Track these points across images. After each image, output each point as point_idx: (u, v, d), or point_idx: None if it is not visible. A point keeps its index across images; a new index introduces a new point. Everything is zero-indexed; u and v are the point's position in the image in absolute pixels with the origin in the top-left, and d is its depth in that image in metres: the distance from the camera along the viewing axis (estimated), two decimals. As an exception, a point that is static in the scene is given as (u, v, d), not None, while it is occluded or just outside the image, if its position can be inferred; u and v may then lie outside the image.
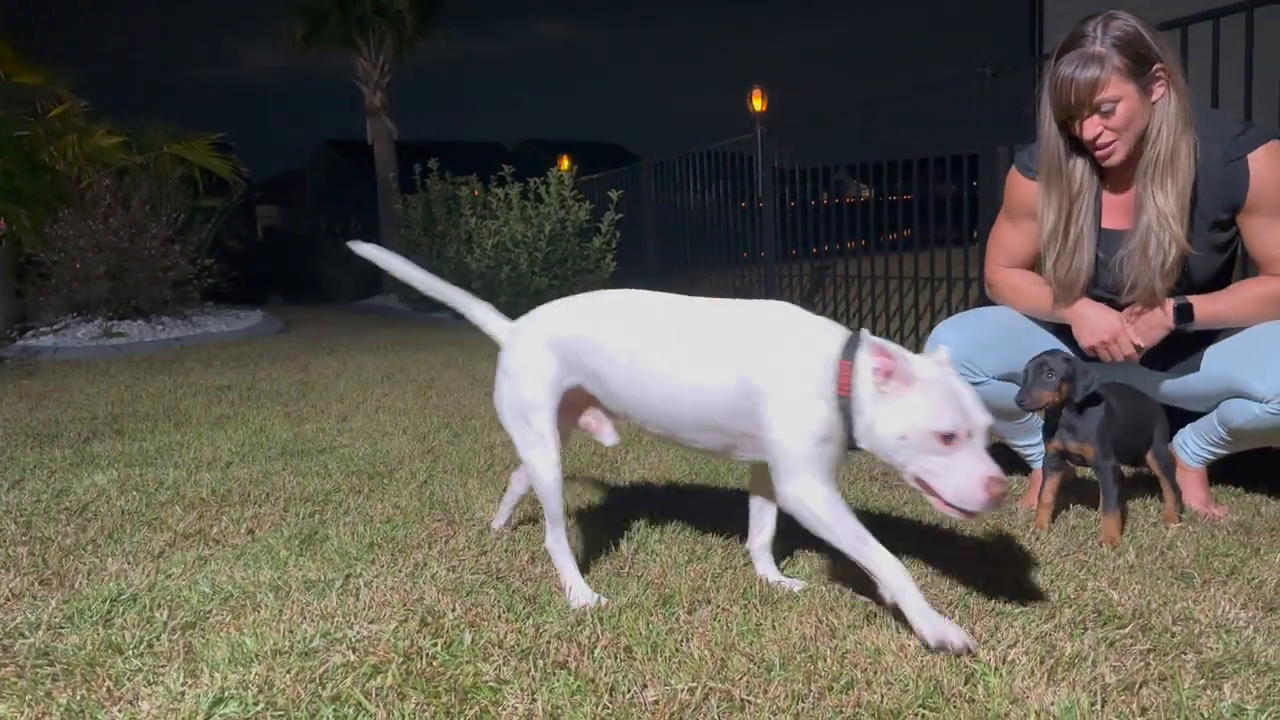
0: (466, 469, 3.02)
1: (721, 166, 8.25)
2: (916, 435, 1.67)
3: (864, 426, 1.74)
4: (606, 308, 2.01)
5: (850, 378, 1.74)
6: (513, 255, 9.40)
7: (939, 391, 1.68)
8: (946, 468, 1.67)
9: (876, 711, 1.45)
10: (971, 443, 1.67)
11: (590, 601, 1.89)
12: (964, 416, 1.66)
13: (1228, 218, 2.29)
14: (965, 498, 1.66)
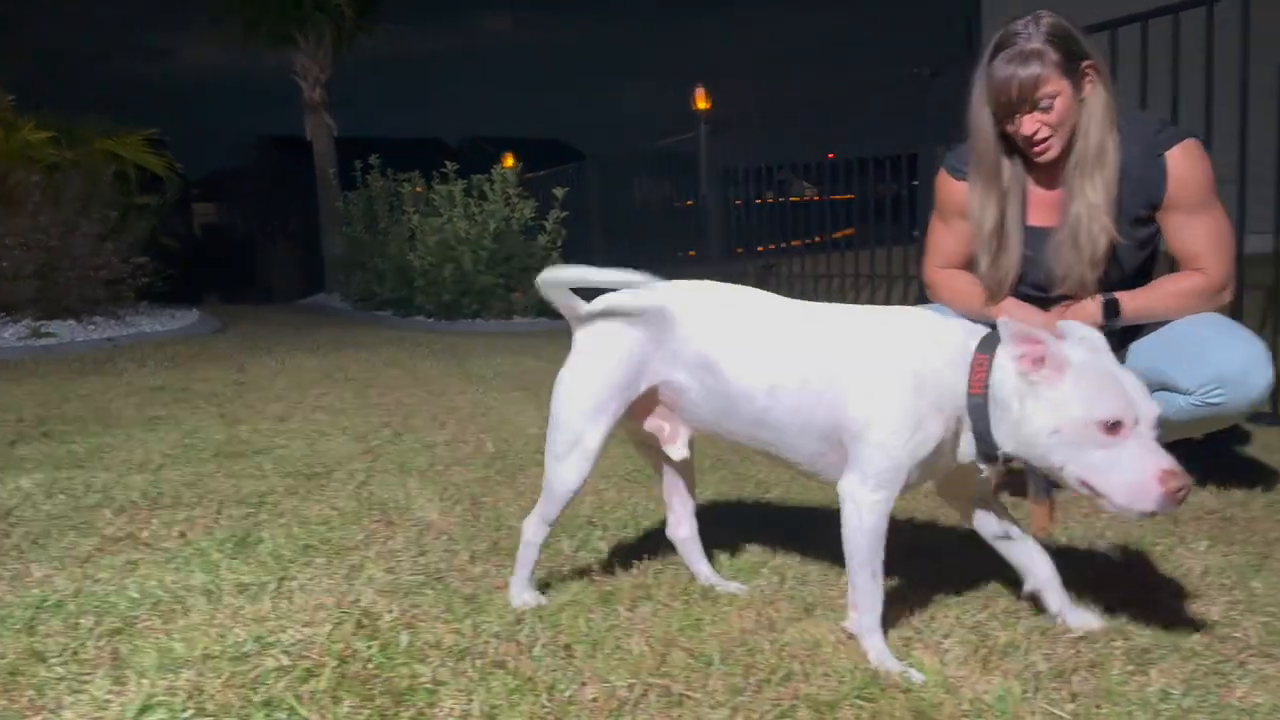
0: (407, 469, 2.98)
1: (666, 164, 8.28)
2: (1073, 428, 1.50)
3: (1008, 427, 1.58)
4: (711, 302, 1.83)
5: (984, 374, 1.59)
6: (456, 253, 9.33)
7: (1097, 377, 1.51)
8: (1113, 463, 1.49)
9: (814, 703, 1.46)
10: (1139, 433, 1.49)
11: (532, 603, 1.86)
12: (1128, 404, 1.49)
13: (1148, 214, 2.34)
14: (1139, 496, 1.48)
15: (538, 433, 3.54)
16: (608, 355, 1.81)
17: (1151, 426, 1.50)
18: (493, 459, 3.11)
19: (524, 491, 2.70)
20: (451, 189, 9.73)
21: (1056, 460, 1.54)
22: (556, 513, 1.89)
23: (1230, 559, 2.06)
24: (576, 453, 1.82)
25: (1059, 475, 1.56)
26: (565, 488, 1.85)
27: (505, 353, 6.54)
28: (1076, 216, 2.29)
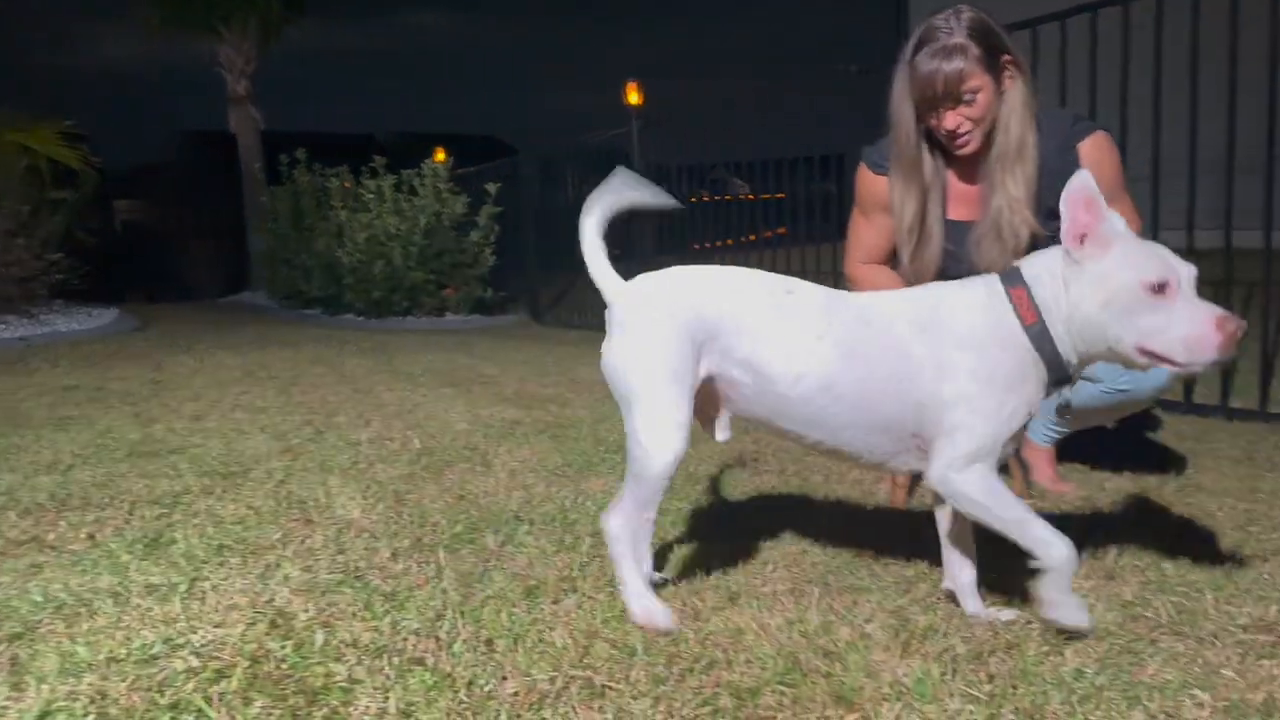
0: (328, 467, 2.92)
1: (599, 161, 8.24)
2: (1125, 295, 1.54)
3: (1068, 327, 1.60)
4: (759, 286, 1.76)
5: (1028, 301, 1.62)
6: (386, 249, 9.20)
7: (1136, 244, 1.57)
8: (1168, 323, 1.52)
9: (736, 690, 1.46)
10: (1184, 292, 1.53)
11: (663, 623, 1.67)
12: (1169, 265, 1.54)
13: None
14: (1200, 345, 1.51)
15: (467, 428, 3.50)
16: (670, 329, 1.69)
17: (1192, 284, 1.54)
18: (419, 455, 3.06)
19: (449, 487, 2.66)
20: (381, 184, 9.58)
21: (1114, 334, 1.56)
22: (655, 499, 1.72)
23: (1144, 541, 2.11)
24: (669, 426, 1.66)
25: (1122, 354, 1.57)
26: (662, 469, 1.67)
27: (436, 350, 6.46)
28: (998, 209, 2.31)
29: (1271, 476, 2.66)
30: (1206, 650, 1.59)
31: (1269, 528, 2.21)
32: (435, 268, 9.32)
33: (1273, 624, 1.68)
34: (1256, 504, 2.40)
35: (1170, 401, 3.68)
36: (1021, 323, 1.62)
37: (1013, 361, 1.62)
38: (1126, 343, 1.55)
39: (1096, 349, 1.61)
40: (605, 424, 3.54)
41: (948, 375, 1.62)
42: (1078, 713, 1.38)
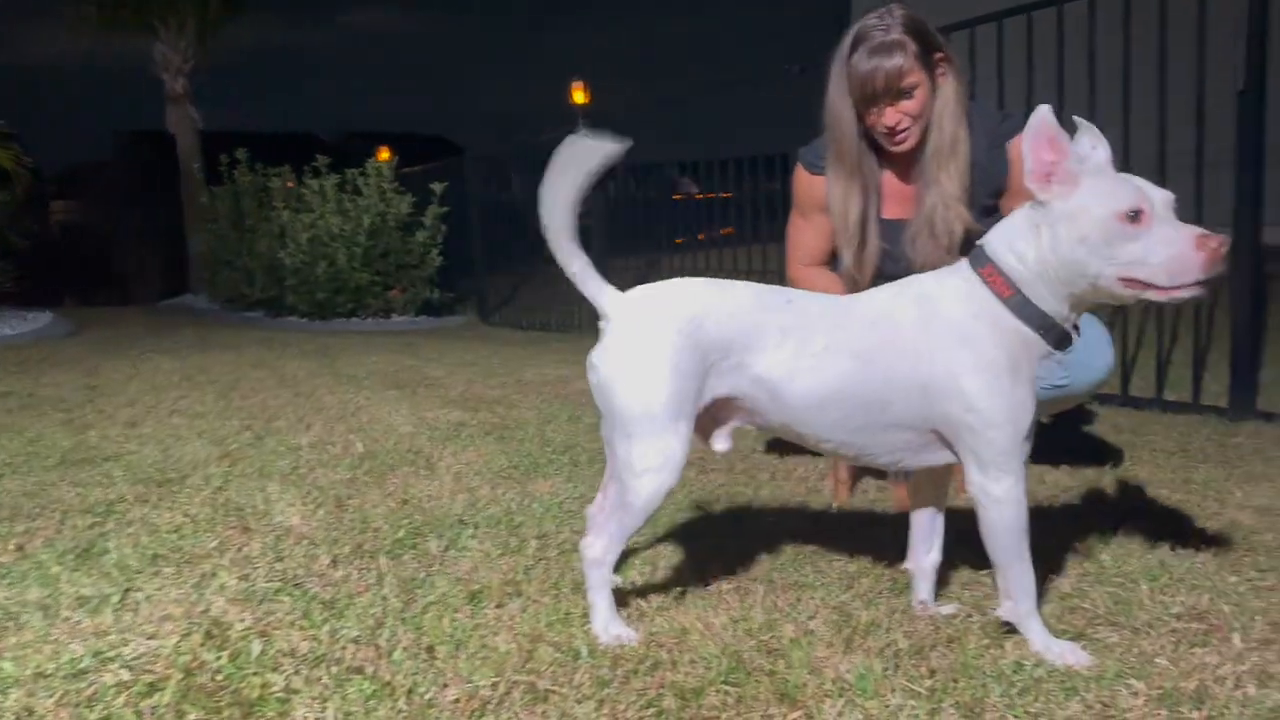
0: (267, 472, 2.86)
1: (547, 160, 8.19)
2: (1100, 228, 1.50)
3: (1048, 278, 1.56)
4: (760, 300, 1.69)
5: (998, 275, 1.59)
6: (330, 250, 9.07)
7: (1105, 177, 1.54)
8: (1148, 249, 1.48)
9: (680, 690, 1.45)
10: (1159, 215, 1.49)
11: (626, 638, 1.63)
12: (1141, 192, 1.50)
13: (993, 203, 2.41)
14: (1182, 268, 1.46)
15: (411, 431, 3.45)
16: (679, 351, 1.60)
17: (1169, 208, 1.51)
18: (361, 459, 3.01)
19: (393, 492, 2.62)
20: (324, 183, 9.44)
21: (1094, 269, 1.51)
22: (637, 527, 1.68)
23: (1081, 533, 2.15)
24: (667, 458, 1.60)
25: (1107, 290, 1.53)
26: (655, 501, 1.63)
27: (381, 351, 6.38)
28: (933, 206, 2.33)
29: (1204, 468, 2.72)
30: (1142, 640, 1.62)
31: (1202, 518, 2.26)
32: (380, 268, 9.20)
33: (1205, 612, 1.72)
34: (1190, 495, 2.46)
35: (1106, 395, 3.75)
36: (999, 297, 1.59)
37: (1005, 344, 1.59)
38: (1108, 276, 1.51)
39: (1082, 290, 1.56)
40: (552, 425, 3.52)
41: (952, 370, 1.59)
42: (1017, 705, 1.40)
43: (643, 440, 1.60)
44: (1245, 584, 1.85)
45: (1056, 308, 1.59)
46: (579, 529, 2.25)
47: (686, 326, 1.61)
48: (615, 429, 1.63)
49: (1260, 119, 3.34)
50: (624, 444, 1.62)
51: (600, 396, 1.65)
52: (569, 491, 2.60)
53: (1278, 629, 1.64)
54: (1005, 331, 1.59)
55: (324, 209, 9.25)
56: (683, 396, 1.60)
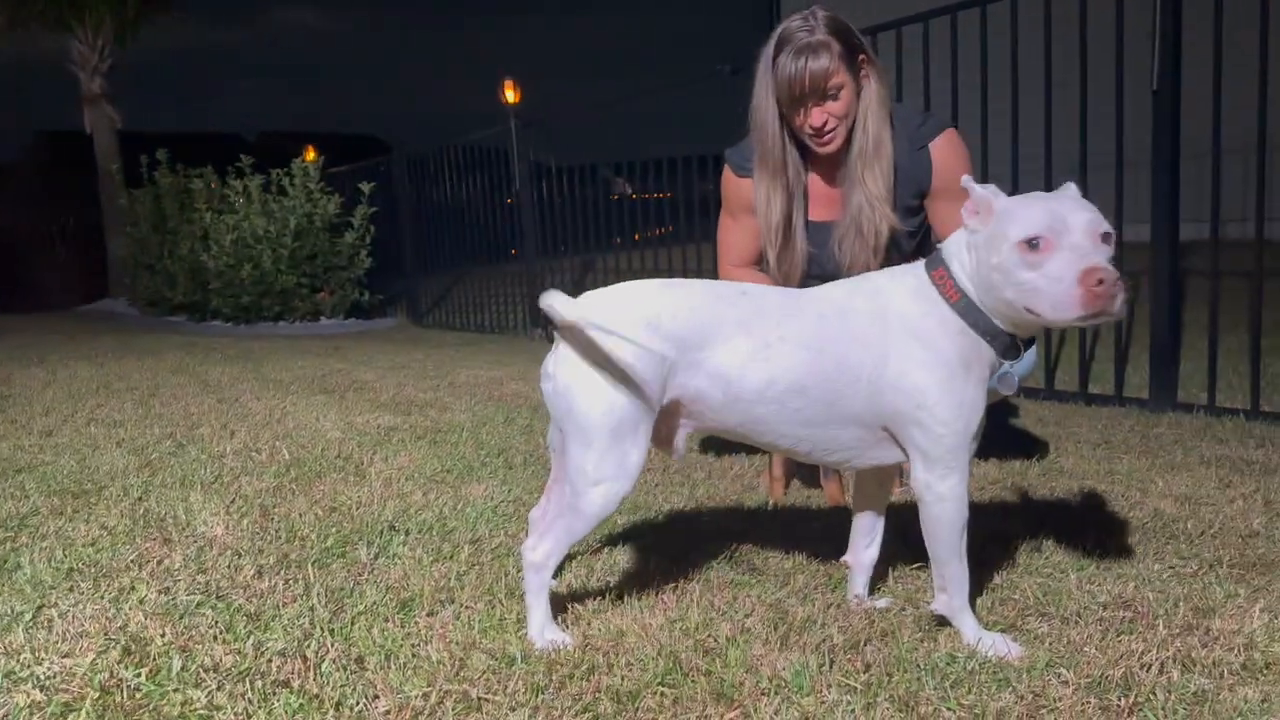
0: (189, 481, 2.77)
1: (478, 160, 8.11)
2: (1006, 253, 1.50)
3: (979, 295, 1.58)
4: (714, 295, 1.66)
5: (949, 280, 1.60)
6: (255, 252, 8.87)
7: (1019, 202, 1.53)
8: (1039, 280, 1.47)
9: (616, 694, 1.43)
10: (1069, 243, 1.46)
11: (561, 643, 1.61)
12: (1051, 218, 1.48)
13: (917, 203, 2.44)
14: (1061, 305, 1.46)
15: (340, 436, 3.38)
16: (637, 355, 1.56)
17: (1086, 234, 1.47)
18: (288, 467, 2.94)
19: (320, 499, 2.56)
20: (248, 184, 9.23)
21: (1006, 295, 1.52)
22: (584, 535, 1.64)
23: (1009, 525, 2.18)
24: (623, 467, 1.57)
25: (1015, 312, 1.54)
26: (606, 510, 1.60)
27: (308, 355, 6.25)
28: (859, 206, 2.35)
29: (1127, 458, 2.79)
30: (1070, 629, 1.64)
31: (1126, 507, 2.32)
32: (308, 270, 9.02)
33: (1131, 600, 1.75)
34: (1114, 485, 2.51)
35: (1032, 389, 3.83)
36: (947, 301, 1.60)
37: (955, 346, 1.59)
38: (1017, 303, 1.52)
39: (1003, 311, 1.57)
40: (486, 428, 3.48)
41: (903, 366, 1.59)
42: (950, 698, 1.41)
43: (600, 448, 1.56)
44: (1168, 571, 1.90)
45: (1001, 321, 1.60)
46: (514, 533, 2.22)
47: (647, 328, 1.57)
48: (571, 436, 1.59)
49: (1175, 118, 3.43)
50: (580, 452, 1.57)
51: (556, 404, 1.61)
52: (503, 495, 2.56)
53: (1200, 615, 1.68)
54: (953, 333, 1.60)
55: (248, 210, 9.05)
56: (646, 402, 1.57)
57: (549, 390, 1.61)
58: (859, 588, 1.81)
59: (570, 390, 1.57)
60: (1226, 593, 1.77)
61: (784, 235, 2.41)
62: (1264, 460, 2.70)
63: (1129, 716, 1.35)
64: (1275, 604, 1.72)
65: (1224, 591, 1.78)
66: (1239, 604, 1.72)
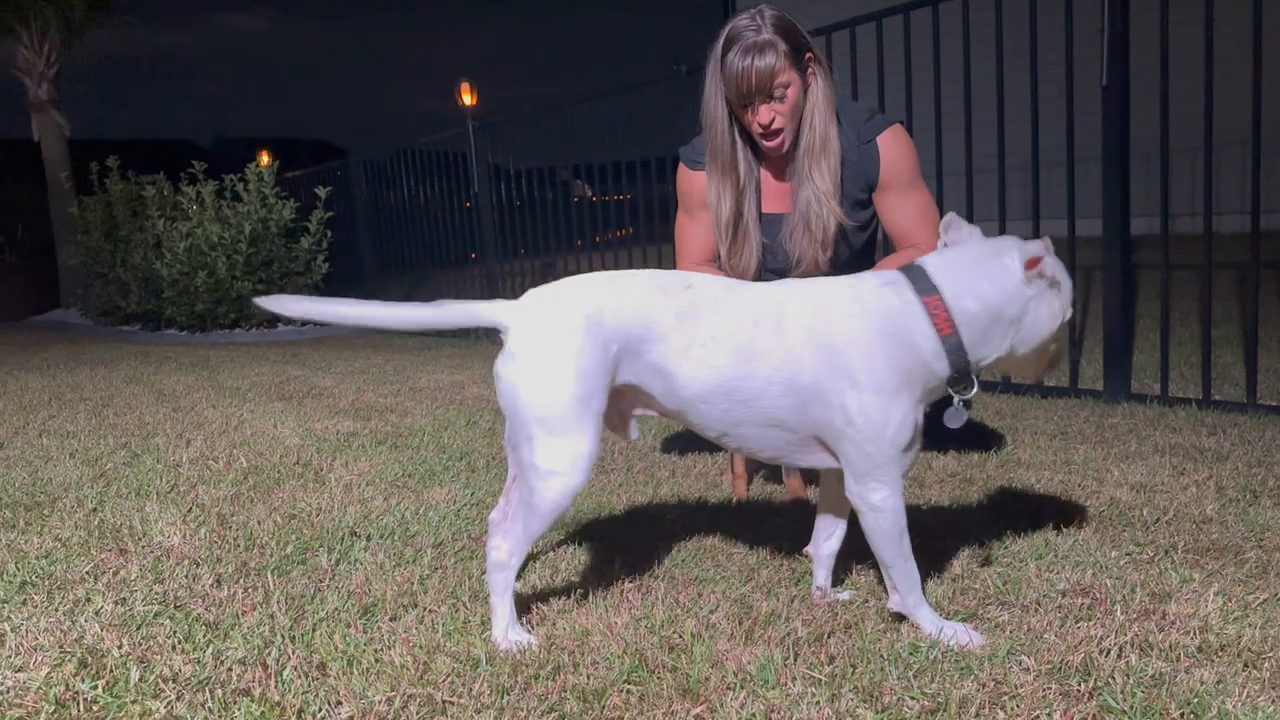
0: (145, 491, 2.72)
1: (436, 163, 8.04)
2: (1060, 311, 1.64)
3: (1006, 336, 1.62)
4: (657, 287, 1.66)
5: (945, 312, 1.59)
6: (209, 259, 8.74)
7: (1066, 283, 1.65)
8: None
9: (582, 693, 1.43)
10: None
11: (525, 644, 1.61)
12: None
13: (866, 197, 2.47)
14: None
15: (299, 443, 3.34)
16: (579, 348, 1.58)
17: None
18: (246, 474, 2.89)
19: (279, 507, 2.53)
20: (202, 190, 9.10)
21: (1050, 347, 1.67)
22: (542, 531, 1.63)
23: (969, 516, 2.21)
24: (572, 459, 1.57)
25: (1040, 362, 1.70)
26: (559, 503, 1.59)
27: (265, 363, 6.17)
28: (807, 201, 2.38)
29: (1083, 449, 2.83)
30: (1030, 617, 1.66)
31: (1083, 496, 2.35)
32: (264, 277, 8.90)
33: (1089, 587, 1.78)
34: (1071, 475, 2.55)
35: (988, 382, 3.88)
36: (937, 332, 1.59)
37: (905, 372, 1.59)
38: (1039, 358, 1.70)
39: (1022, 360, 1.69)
40: (448, 431, 3.45)
41: (838, 386, 1.58)
42: (914, 687, 1.42)
43: (549, 443, 1.57)
44: (1125, 558, 1.93)
45: (989, 355, 1.65)
46: (477, 535, 2.21)
47: (585, 324, 1.58)
48: (519, 433, 1.60)
49: (1124, 113, 3.49)
50: (528, 448, 1.58)
51: (505, 403, 1.61)
52: (466, 498, 2.55)
53: (1156, 600, 1.71)
54: (912, 362, 1.59)
55: (202, 216, 8.91)
56: (589, 396, 1.58)
57: (499, 390, 1.62)
58: (821, 579, 1.82)
59: (515, 388, 1.58)
60: (1182, 578, 1.80)
61: (734, 231, 2.43)
62: (1216, 448, 2.75)
63: (1089, 701, 1.37)
64: (1229, 588, 1.75)
65: (1179, 576, 1.81)
66: (1194, 588, 1.75)
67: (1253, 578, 1.80)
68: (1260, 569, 1.85)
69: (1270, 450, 2.70)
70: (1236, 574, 1.82)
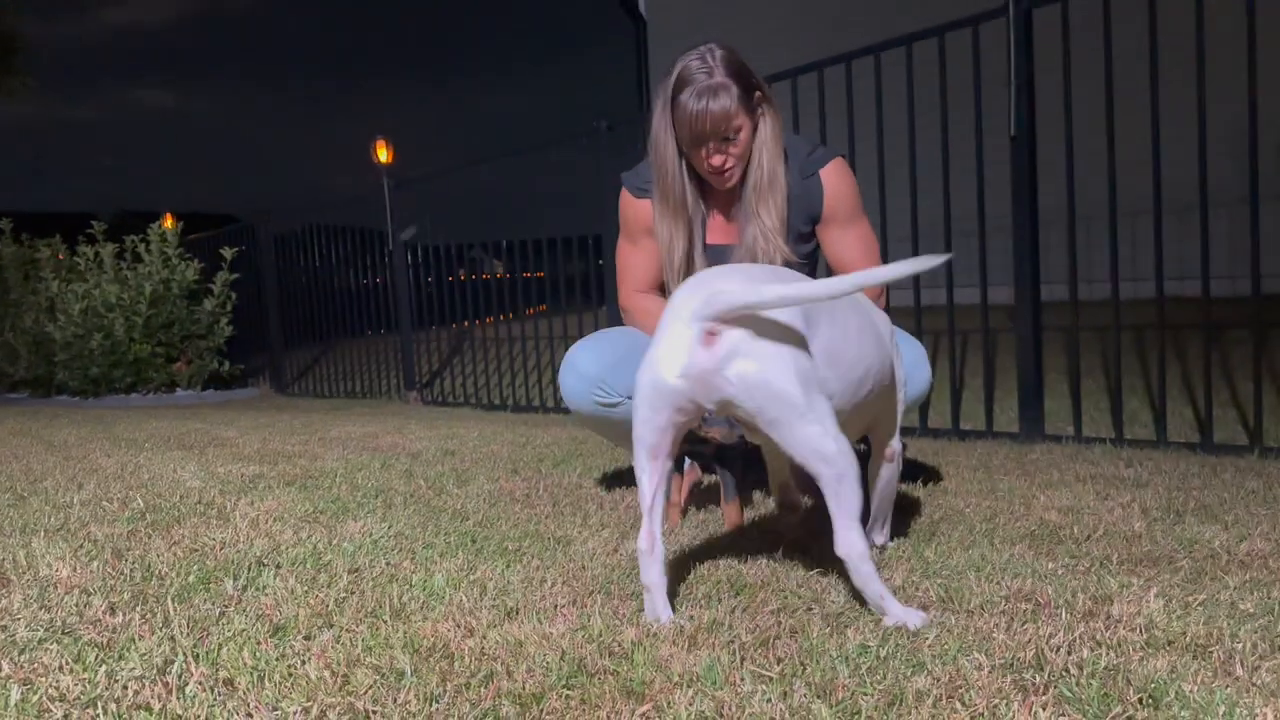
0: (31, 529, 2.52)
1: (347, 234, 7.90)
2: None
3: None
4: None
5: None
6: (106, 321, 8.39)
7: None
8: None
9: (518, 698, 1.33)
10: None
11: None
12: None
13: (809, 230, 2.49)
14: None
15: (200, 485, 3.15)
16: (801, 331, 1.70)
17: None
18: (143, 513, 2.70)
19: (179, 541, 2.35)
20: (100, 251, 8.78)
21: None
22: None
23: (904, 535, 2.19)
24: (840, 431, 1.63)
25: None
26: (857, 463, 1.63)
27: (164, 419, 5.89)
28: (754, 237, 2.38)
29: (1007, 479, 2.85)
30: (977, 620, 1.62)
31: (1012, 519, 2.35)
32: (164, 339, 8.58)
33: (1030, 593, 1.75)
34: (998, 500, 2.55)
35: (906, 427, 3.91)
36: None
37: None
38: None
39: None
40: (362, 472, 3.31)
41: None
42: (867, 682, 1.36)
43: (827, 416, 1.59)
44: (1062, 568, 1.91)
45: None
46: (396, 563, 2.08)
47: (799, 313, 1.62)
48: (781, 424, 1.57)
49: (1032, 164, 3.62)
50: (807, 426, 1.56)
51: (755, 400, 1.56)
52: (384, 530, 2.42)
53: (1099, 602, 1.69)
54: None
55: (99, 277, 8.58)
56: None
57: (748, 387, 1.55)
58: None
59: (767, 378, 1.55)
60: (1121, 583, 1.79)
61: (686, 269, 2.41)
62: (1135, 476, 2.80)
63: (1046, 692, 1.33)
64: (1169, 590, 1.75)
65: (1118, 582, 1.80)
66: (1134, 591, 1.74)
67: (1189, 582, 1.81)
68: (1195, 575, 1.85)
69: (1187, 478, 2.76)
70: (1173, 579, 1.82)
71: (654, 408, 1.59)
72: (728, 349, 1.55)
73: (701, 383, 1.55)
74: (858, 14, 9.29)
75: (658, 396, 1.59)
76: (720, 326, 1.55)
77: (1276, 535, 2.12)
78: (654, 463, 1.64)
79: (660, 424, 1.60)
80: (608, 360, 2.49)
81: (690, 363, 1.55)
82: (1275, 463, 3.01)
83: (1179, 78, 3.30)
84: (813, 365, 1.59)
